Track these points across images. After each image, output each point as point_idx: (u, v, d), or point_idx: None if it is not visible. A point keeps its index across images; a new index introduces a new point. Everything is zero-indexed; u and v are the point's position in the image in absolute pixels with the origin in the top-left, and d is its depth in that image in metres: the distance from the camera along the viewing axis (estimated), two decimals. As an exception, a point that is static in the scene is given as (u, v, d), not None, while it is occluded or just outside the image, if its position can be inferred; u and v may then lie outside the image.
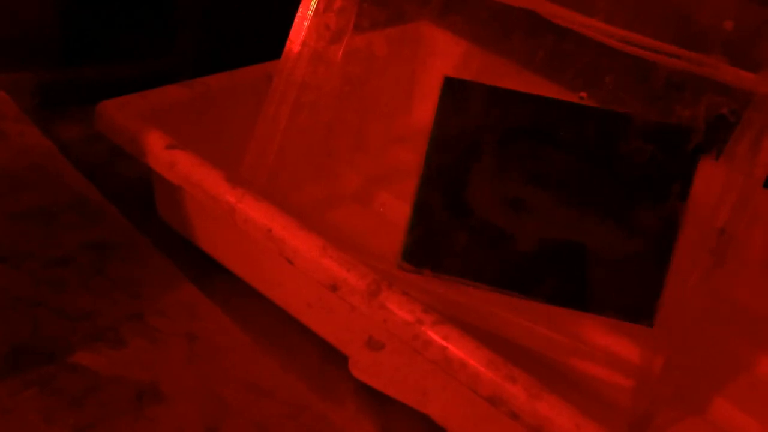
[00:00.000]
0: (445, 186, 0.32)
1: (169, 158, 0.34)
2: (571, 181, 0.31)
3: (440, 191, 0.32)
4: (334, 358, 0.34)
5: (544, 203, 0.31)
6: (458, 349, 0.27)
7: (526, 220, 0.31)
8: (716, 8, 0.31)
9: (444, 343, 0.27)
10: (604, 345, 0.35)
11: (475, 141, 0.32)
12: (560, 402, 0.25)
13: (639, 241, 0.31)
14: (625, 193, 0.31)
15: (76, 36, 0.48)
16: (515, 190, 0.31)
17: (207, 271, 0.37)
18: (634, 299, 0.31)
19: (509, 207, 0.31)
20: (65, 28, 0.47)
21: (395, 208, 0.40)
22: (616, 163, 0.31)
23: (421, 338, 0.27)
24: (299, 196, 0.39)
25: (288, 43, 0.35)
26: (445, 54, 0.46)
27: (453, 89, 0.32)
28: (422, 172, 0.32)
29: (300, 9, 0.35)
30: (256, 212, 0.31)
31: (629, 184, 0.31)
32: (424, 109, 0.47)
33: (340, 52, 0.37)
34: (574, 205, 0.31)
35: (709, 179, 0.32)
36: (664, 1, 0.32)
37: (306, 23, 0.35)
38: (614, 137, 0.31)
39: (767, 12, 0.31)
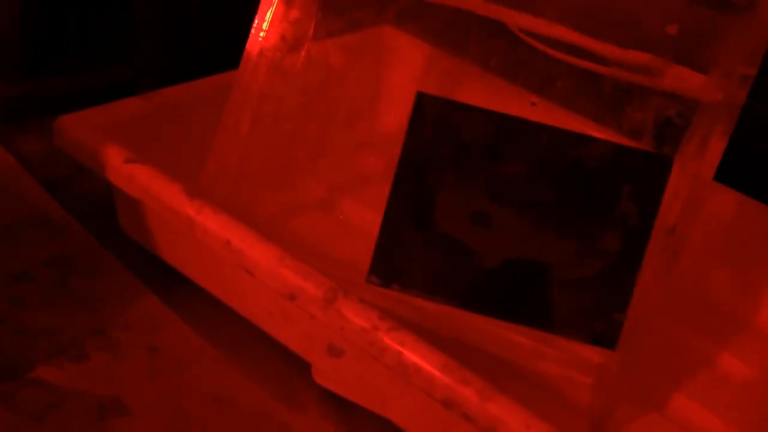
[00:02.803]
0: (413, 202, 0.32)
1: (127, 172, 0.34)
2: (536, 200, 0.32)
3: (408, 207, 0.32)
4: (297, 365, 0.34)
5: (508, 221, 0.31)
6: (413, 354, 0.27)
7: (491, 238, 0.31)
8: (661, 12, 0.32)
9: (399, 349, 0.27)
10: (564, 345, 0.36)
11: (444, 157, 0.32)
12: (512, 403, 0.26)
13: (602, 262, 0.31)
14: (589, 214, 0.31)
15: (36, 49, 0.48)
16: (481, 208, 0.32)
17: (170, 283, 0.37)
18: (596, 322, 0.31)
19: (475, 225, 0.32)
20: (25, 41, 0.47)
21: (359, 215, 0.41)
22: (581, 184, 0.31)
23: (377, 345, 0.28)
24: (262, 206, 0.39)
25: (244, 54, 0.35)
26: (408, 58, 0.46)
27: (424, 104, 0.32)
28: (392, 187, 0.32)
29: (255, 20, 0.35)
30: (214, 224, 0.32)
31: (593, 206, 0.31)
32: (389, 114, 0.48)
33: (299, 62, 0.37)
34: (538, 223, 0.31)
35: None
36: (610, 6, 0.33)
37: (262, 34, 0.35)
38: (581, 159, 0.31)
39: (712, 15, 0.32)
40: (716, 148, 0.31)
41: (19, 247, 0.37)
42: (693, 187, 0.31)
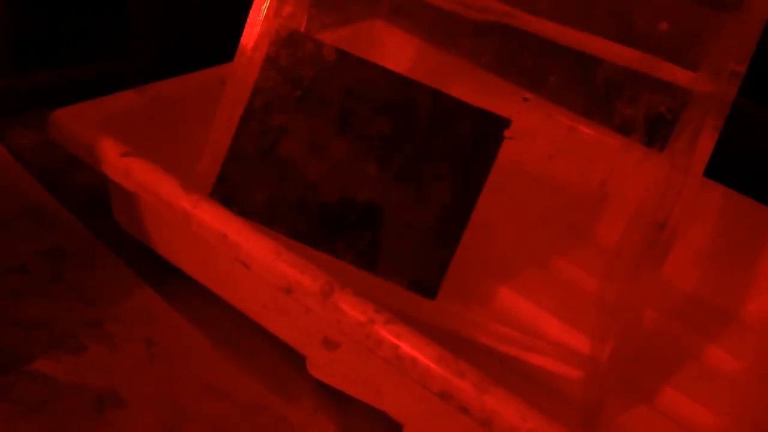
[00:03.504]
0: (263, 131, 0.33)
1: (124, 166, 0.34)
2: (383, 145, 0.32)
3: (258, 135, 0.33)
4: (292, 358, 0.34)
5: (353, 161, 0.32)
6: (409, 346, 0.27)
7: (331, 173, 0.32)
8: (653, 8, 0.32)
9: (396, 342, 0.28)
10: (556, 338, 0.36)
11: (302, 92, 0.33)
12: (507, 395, 0.26)
13: (435, 214, 0.32)
14: (431, 165, 0.32)
15: (30, 41, 0.47)
16: (328, 145, 0.32)
17: (165, 276, 0.37)
18: (420, 270, 0.32)
19: (319, 160, 0.32)
20: (18, 33, 0.47)
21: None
22: (428, 135, 0.32)
23: (373, 337, 0.28)
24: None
25: (239, 48, 0.35)
26: (397, 53, 0.46)
27: (288, 40, 0.33)
28: (243, 113, 0.33)
29: (250, 14, 0.35)
30: (211, 218, 0.32)
31: (436, 158, 0.32)
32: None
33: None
34: (382, 168, 0.32)
35: (652, 174, 0.34)
36: (602, 2, 0.33)
37: (256, 29, 0.35)
38: (431, 112, 0.32)
39: (703, 11, 0.33)
40: (706, 144, 0.31)
41: (13, 239, 0.37)
42: (683, 183, 0.31)
